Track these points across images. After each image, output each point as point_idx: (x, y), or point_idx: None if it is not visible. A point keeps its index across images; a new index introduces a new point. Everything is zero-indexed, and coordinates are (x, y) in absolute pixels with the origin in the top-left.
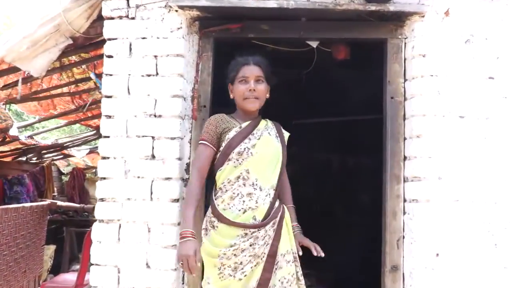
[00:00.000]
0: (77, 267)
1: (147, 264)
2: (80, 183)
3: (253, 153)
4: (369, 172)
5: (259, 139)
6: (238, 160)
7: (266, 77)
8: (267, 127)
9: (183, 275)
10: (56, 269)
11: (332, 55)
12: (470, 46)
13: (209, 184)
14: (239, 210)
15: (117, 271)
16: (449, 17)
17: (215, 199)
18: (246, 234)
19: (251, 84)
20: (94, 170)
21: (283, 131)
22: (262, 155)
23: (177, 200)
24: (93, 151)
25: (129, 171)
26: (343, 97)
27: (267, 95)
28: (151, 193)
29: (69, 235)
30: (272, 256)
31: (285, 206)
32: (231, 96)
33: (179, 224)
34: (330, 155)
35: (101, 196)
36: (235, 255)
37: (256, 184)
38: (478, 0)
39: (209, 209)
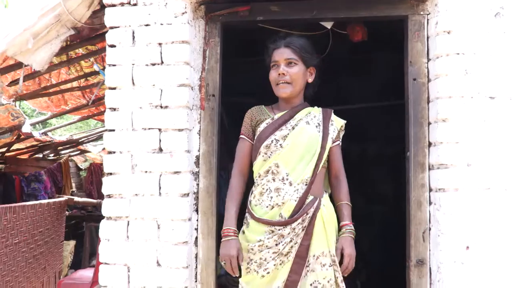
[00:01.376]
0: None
1: (157, 262)
2: (97, 178)
3: (283, 145)
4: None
5: (293, 129)
6: (266, 154)
7: (302, 59)
8: (308, 116)
9: (196, 273)
10: (77, 265)
11: (349, 37)
12: (500, 20)
13: None
14: (267, 207)
15: (126, 270)
16: None
17: (250, 194)
18: (272, 231)
19: (280, 68)
20: None
21: (337, 119)
22: (294, 146)
23: (187, 195)
24: None
25: (136, 166)
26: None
27: (310, 79)
28: (160, 188)
29: (89, 230)
30: (300, 257)
31: (323, 202)
32: None
33: (189, 219)
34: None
35: (108, 192)
36: (260, 250)
37: (287, 179)
38: None
39: None
